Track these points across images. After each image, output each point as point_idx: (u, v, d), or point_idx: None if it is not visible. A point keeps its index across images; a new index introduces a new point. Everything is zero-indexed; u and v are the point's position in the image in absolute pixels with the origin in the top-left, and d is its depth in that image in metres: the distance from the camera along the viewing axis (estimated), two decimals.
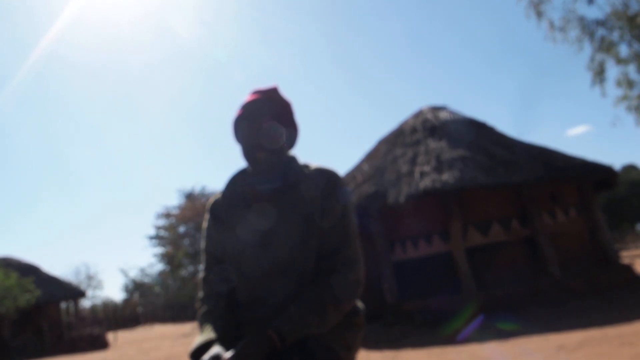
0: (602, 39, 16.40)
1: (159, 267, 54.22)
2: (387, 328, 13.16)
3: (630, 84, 16.40)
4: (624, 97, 16.70)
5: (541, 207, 14.38)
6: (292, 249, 1.99)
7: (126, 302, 63.36)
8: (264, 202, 2.08)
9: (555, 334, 9.08)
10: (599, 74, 16.59)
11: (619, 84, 16.75)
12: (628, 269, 15.03)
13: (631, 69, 16.49)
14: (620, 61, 16.46)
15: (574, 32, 16.84)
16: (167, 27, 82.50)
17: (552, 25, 17.24)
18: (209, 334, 1.97)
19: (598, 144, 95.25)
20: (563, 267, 13.60)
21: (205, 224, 2.27)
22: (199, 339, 1.98)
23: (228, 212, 2.16)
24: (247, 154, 2.09)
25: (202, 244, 2.27)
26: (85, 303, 54.49)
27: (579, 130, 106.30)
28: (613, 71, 16.90)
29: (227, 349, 1.90)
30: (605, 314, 10.40)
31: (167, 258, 45.10)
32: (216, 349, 1.82)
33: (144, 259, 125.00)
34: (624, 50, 16.66)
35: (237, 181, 2.23)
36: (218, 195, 2.27)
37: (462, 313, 12.16)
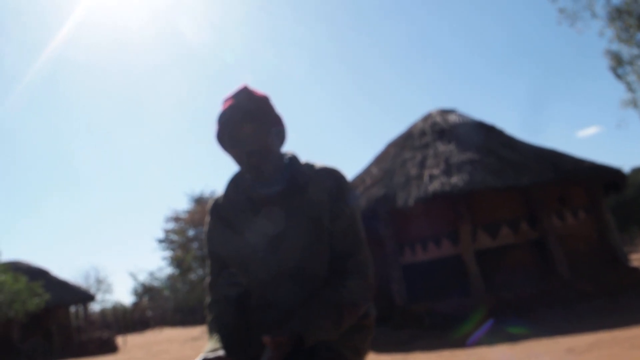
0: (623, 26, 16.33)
1: (168, 270, 54.11)
2: (397, 331, 13.15)
3: None
4: (633, 101, 16.67)
5: (550, 209, 14.35)
6: (301, 252, 1.98)
7: (135, 305, 63.35)
8: (271, 205, 2.04)
9: (565, 337, 9.06)
10: (618, 61, 16.52)
11: (629, 88, 16.70)
12: (637, 271, 14.97)
13: None
14: (630, 60, 16.43)
15: (589, 24, 16.91)
16: (175, 30, 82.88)
17: (563, 10, 17.25)
18: (214, 344, 1.94)
19: (608, 145, 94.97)
20: (572, 269, 13.56)
21: (206, 228, 2.22)
22: (206, 348, 1.95)
23: (233, 214, 2.12)
24: (245, 163, 2.05)
25: (206, 249, 2.22)
26: (95, 307, 54.50)
27: (589, 131, 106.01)
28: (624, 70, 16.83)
29: (236, 354, 1.92)
30: (614, 316, 10.37)
31: (176, 261, 45.01)
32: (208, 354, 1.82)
33: (153, 262, 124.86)
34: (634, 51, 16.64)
35: (239, 183, 2.17)
36: (219, 197, 2.22)
37: (472, 316, 12.15)
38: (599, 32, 17.00)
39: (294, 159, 2.15)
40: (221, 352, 1.83)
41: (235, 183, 2.19)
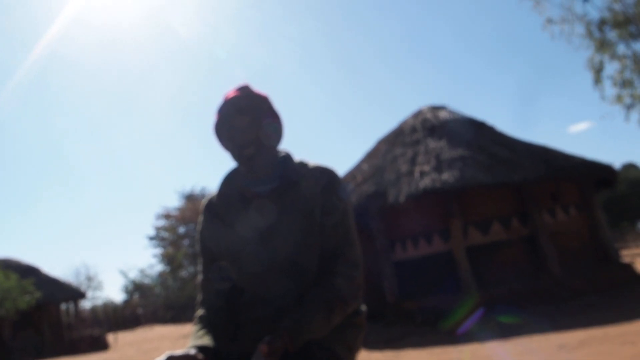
0: (602, 38, 16.46)
1: (159, 267, 54.17)
2: (388, 327, 13.17)
3: (628, 83, 16.45)
4: (619, 98, 16.78)
5: (541, 206, 14.36)
6: (292, 246, 1.97)
7: (126, 303, 63.33)
8: (263, 201, 2.05)
9: (556, 333, 9.07)
10: (599, 72, 16.64)
11: (615, 83, 16.81)
12: (628, 267, 15.04)
13: (628, 68, 16.54)
14: (616, 57, 16.52)
15: (575, 30, 16.95)
16: (167, 26, 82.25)
17: (550, 20, 17.35)
18: (197, 339, 1.96)
19: (600, 140, 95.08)
20: (563, 266, 13.59)
21: (199, 226, 2.25)
22: (188, 344, 1.96)
23: (226, 210, 2.13)
24: (238, 155, 2.06)
25: (198, 247, 2.24)
26: (86, 304, 54.40)
27: (580, 127, 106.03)
28: (611, 69, 17.12)
29: (225, 349, 1.92)
30: (606, 313, 10.40)
31: (167, 259, 45.15)
32: (173, 352, 1.80)
33: (143, 259, 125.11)
34: (621, 49, 16.74)
35: (232, 181, 2.19)
36: (213, 195, 2.24)
37: (462, 306, 12.17)
38: (582, 44, 17.16)
39: (287, 157, 2.17)
40: (193, 351, 1.82)
41: (228, 180, 2.21)
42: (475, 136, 15.44)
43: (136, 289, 62.93)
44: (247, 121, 2.04)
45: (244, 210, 2.08)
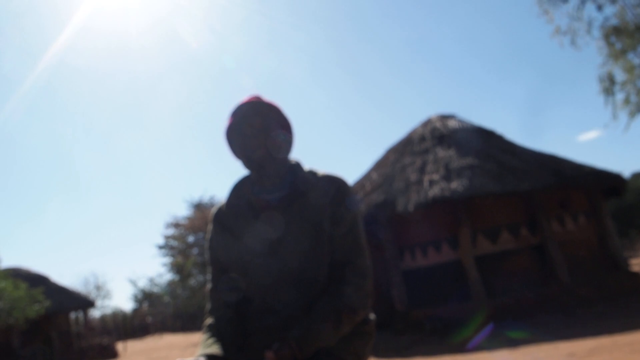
0: (622, 48, 16.41)
1: (168, 276, 54.00)
2: (397, 336, 13.16)
3: (638, 91, 16.41)
4: (626, 101, 16.73)
5: (550, 214, 14.35)
6: (301, 257, 1.99)
7: (135, 311, 63.25)
8: (272, 210, 2.07)
9: (565, 342, 9.05)
10: (612, 85, 16.61)
11: (626, 92, 16.75)
12: (637, 276, 14.99)
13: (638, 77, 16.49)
14: (628, 67, 16.47)
15: (586, 38, 16.89)
16: (176, 35, 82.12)
17: (558, 29, 17.31)
18: (206, 348, 1.97)
19: (609, 149, 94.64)
20: (572, 274, 13.56)
21: (208, 235, 2.26)
22: (197, 352, 1.98)
23: (235, 220, 2.15)
24: (249, 163, 2.09)
25: (207, 256, 2.25)
26: (95, 313, 54.48)
27: (590, 135, 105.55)
28: (621, 78, 16.92)
29: (231, 359, 1.94)
30: (615, 321, 10.36)
31: (176, 267, 44.99)
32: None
33: (152, 268, 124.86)
34: (630, 57, 16.70)
35: (241, 189, 2.20)
36: (222, 205, 2.25)
37: (472, 321, 12.15)
38: (597, 51, 17.08)
39: (297, 166, 2.18)
40: (202, 359, 1.85)
41: (237, 189, 2.22)
42: (484, 145, 15.44)
43: (145, 297, 62.83)
44: (257, 130, 2.06)
45: (253, 220, 2.10)
